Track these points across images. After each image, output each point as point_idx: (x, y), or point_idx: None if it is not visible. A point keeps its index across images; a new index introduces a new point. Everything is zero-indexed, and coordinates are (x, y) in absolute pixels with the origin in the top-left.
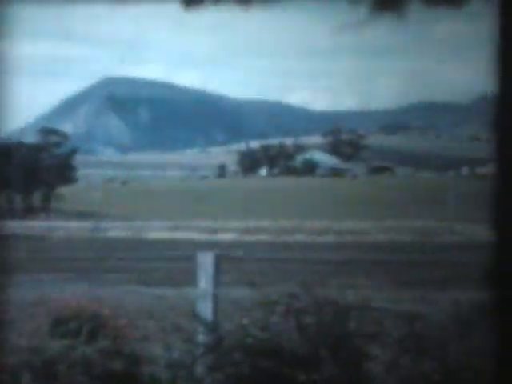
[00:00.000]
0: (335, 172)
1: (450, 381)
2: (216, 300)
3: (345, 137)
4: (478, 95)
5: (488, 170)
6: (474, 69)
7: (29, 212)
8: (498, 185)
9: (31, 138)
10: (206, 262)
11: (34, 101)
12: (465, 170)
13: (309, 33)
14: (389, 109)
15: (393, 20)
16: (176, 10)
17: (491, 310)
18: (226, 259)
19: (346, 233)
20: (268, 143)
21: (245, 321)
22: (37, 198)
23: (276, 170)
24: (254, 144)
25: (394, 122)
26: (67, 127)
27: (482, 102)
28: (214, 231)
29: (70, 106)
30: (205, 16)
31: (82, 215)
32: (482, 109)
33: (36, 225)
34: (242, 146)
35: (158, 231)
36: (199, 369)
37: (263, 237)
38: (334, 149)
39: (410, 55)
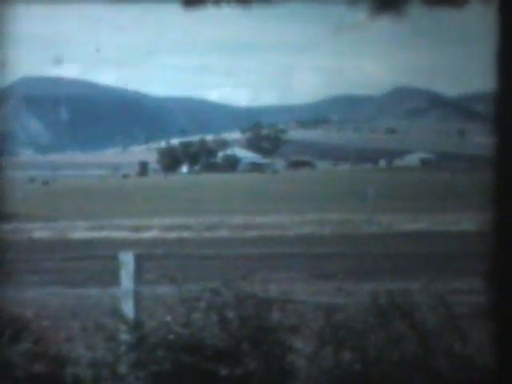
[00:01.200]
0: (256, 167)
1: (371, 371)
2: (138, 298)
3: (265, 132)
4: (394, 88)
5: (405, 162)
6: (392, 63)
7: None
8: (499, 183)
9: None
10: (127, 260)
11: None
12: (382, 162)
13: (229, 30)
14: (308, 103)
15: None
16: (95, 8)
17: (490, 310)
18: (149, 257)
19: (268, 227)
20: (188, 140)
21: (168, 318)
22: None
23: (197, 167)
24: (175, 141)
25: (314, 116)
26: None
27: (397, 94)
28: (137, 229)
29: None
30: (126, 14)
31: (2, 217)
32: (398, 101)
33: None
34: (162, 143)
35: (80, 231)
36: (122, 367)
37: (186, 234)
38: (254, 144)
39: (329, 51)
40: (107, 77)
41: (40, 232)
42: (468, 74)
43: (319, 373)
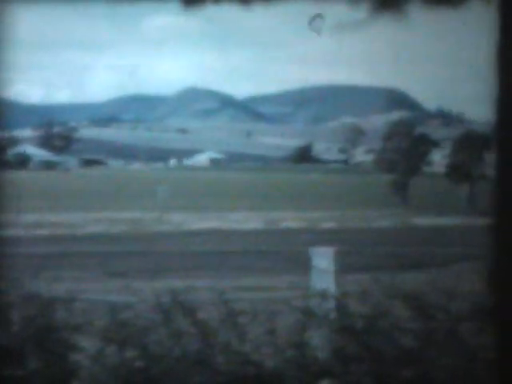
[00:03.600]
0: (48, 165)
1: (153, 367)
2: None
3: (57, 130)
4: (186, 88)
5: (195, 161)
6: (184, 63)
7: None
8: (500, 187)
9: None
10: None
11: None
12: (173, 162)
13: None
14: (102, 102)
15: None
16: None
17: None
18: None
19: (60, 225)
20: None
21: None
22: None
23: None
24: None
25: (106, 115)
26: None
27: (189, 95)
28: None
29: None
30: None
31: None
32: (190, 102)
33: None
34: None
35: None
36: None
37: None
38: (46, 142)
39: (125, 50)
40: None
41: None
42: (260, 76)
43: (102, 371)
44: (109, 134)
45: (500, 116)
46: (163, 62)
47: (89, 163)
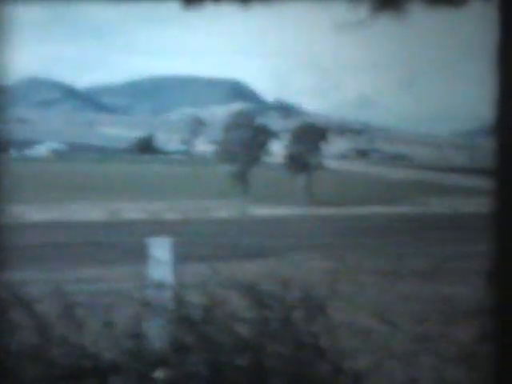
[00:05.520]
0: None
1: None
2: None
3: None
4: (27, 78)
5: (35, 152)
6: (26, 52)
7: None
8: (500, 188)
9: None
10: None
11: None
12: (13, 152)
13: None
14: None
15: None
16: None
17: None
18: None
19: None
20: None
21: None
22: None
23: None
24: None
25: None
26: None
27: (31, 85)
28: None
29: None
30: None
31: None
32: (31, 92)
33: None
34: None
35: None
36: None
37: None
38: None
39: None
40: None
41: None
42: (103, 66)
43: None
44: None
45: (500, 116)
46: (1, 51)
47: None
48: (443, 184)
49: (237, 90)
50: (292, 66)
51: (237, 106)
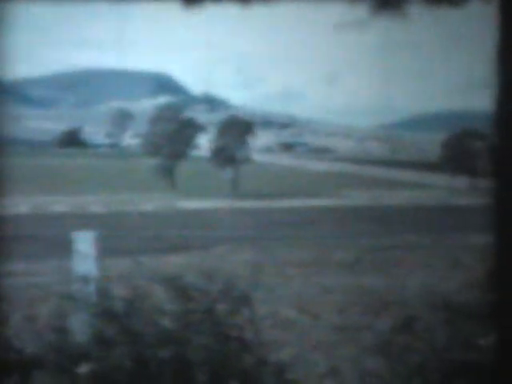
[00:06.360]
0: None
1: None
2: None
3: None
4: None
5: None
6: None
7: None
8: (500, 187)
9: None
10: None
11: None
12: None
13: None
14: None
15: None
16: None
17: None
18: None
19: None
20: None
21: None
22: None
23: None
24: None
25: None
26: None
27: None
28: None
29: None
30: None
31: None
32: None
33: None
34: None
35: None
36: None
37: None
38: None
39: None
40: None
41: None
42: (29, 58)
43: None
44: None
45: (500, 114)
46: None
47: None
48: (365, 176)
49: (164, 83)
50: (218, 59)
51: (164, 99)
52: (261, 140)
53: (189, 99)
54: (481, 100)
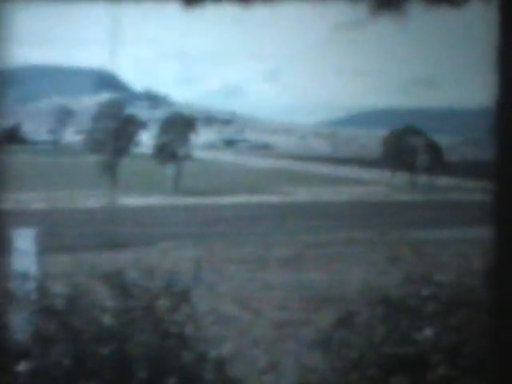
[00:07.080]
0: None
1: None
2: None
3: None
4: None
5: None
6: None
7: None
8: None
9: None
10: None
11: None
12: None
13: None
14: None
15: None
16: None
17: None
18: None
19: None
20: None
21: None
22: None
23: None
24: None
25: None
26: None
27: None
28: None
29: None
30: None
31: None
32: None
33: None
34: None
35: None
36: None
37: None
38: None
39: None
40: None
41: None
42: None
43: None
44: None
45: (500, 114)
46: None
47: None
48: (307, 173)
49: (106, 80)
50: (159, 54)
51: (106, 96)
52: (203, 136)
53: (131, 96)
54: (425, 98)
